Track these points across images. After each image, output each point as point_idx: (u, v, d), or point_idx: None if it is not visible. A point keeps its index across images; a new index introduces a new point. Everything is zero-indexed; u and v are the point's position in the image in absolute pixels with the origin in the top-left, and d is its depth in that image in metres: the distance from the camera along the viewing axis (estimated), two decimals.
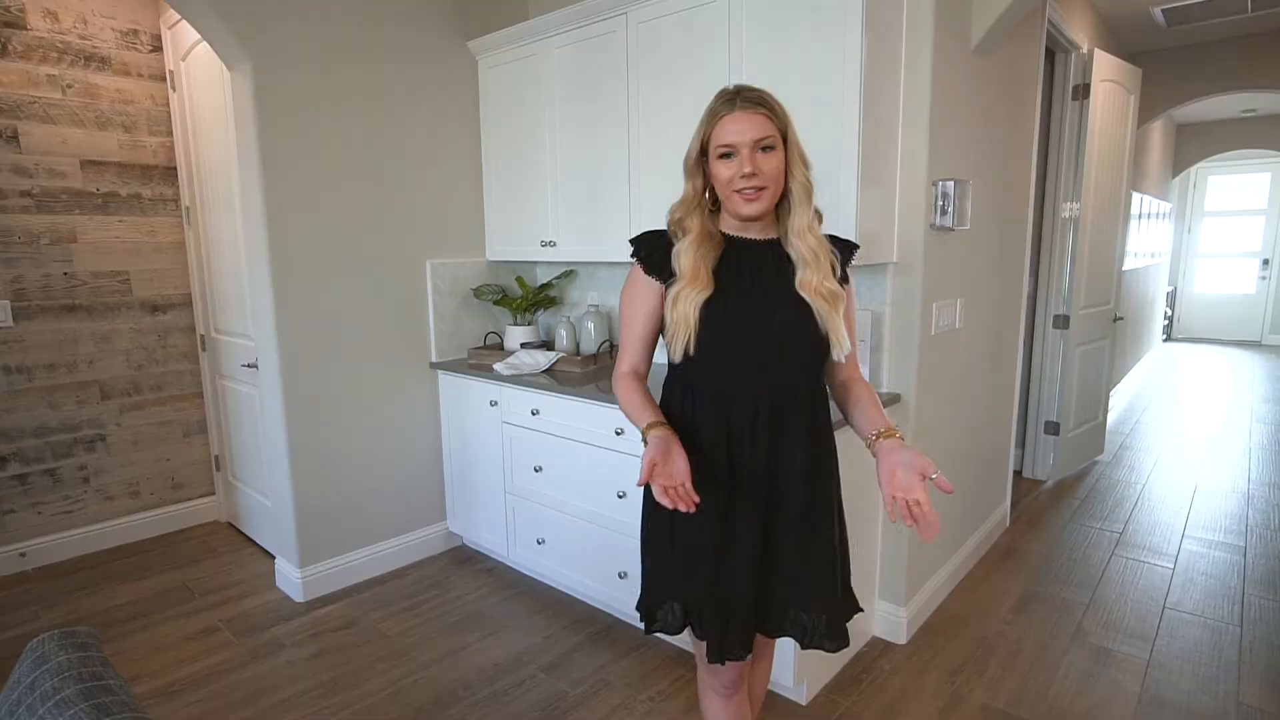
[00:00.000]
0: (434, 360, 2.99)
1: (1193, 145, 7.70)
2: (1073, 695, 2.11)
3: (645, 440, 1.26)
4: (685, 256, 1.32)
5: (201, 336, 3.33)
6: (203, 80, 2.93)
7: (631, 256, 1.41)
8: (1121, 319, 4.59)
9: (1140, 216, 6.01)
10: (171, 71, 3.15)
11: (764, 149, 1.26)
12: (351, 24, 2.60)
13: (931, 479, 1.17)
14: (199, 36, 2.82)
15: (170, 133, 3.21)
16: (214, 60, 2.72)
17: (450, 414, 2.99)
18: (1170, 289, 8.81)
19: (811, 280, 1.31)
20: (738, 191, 1.28)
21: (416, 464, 2.99)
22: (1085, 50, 3.56)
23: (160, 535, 3.30)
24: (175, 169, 3.23)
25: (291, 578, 2.70)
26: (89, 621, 2.53)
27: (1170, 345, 8.75)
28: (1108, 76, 3.63)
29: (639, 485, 1.17)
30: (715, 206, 1.37)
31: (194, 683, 2.20)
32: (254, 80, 2.38)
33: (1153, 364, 7.51)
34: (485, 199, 3.08)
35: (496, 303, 3.07)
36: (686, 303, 1.30)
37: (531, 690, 2.14)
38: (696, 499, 1.18)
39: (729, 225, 1.37)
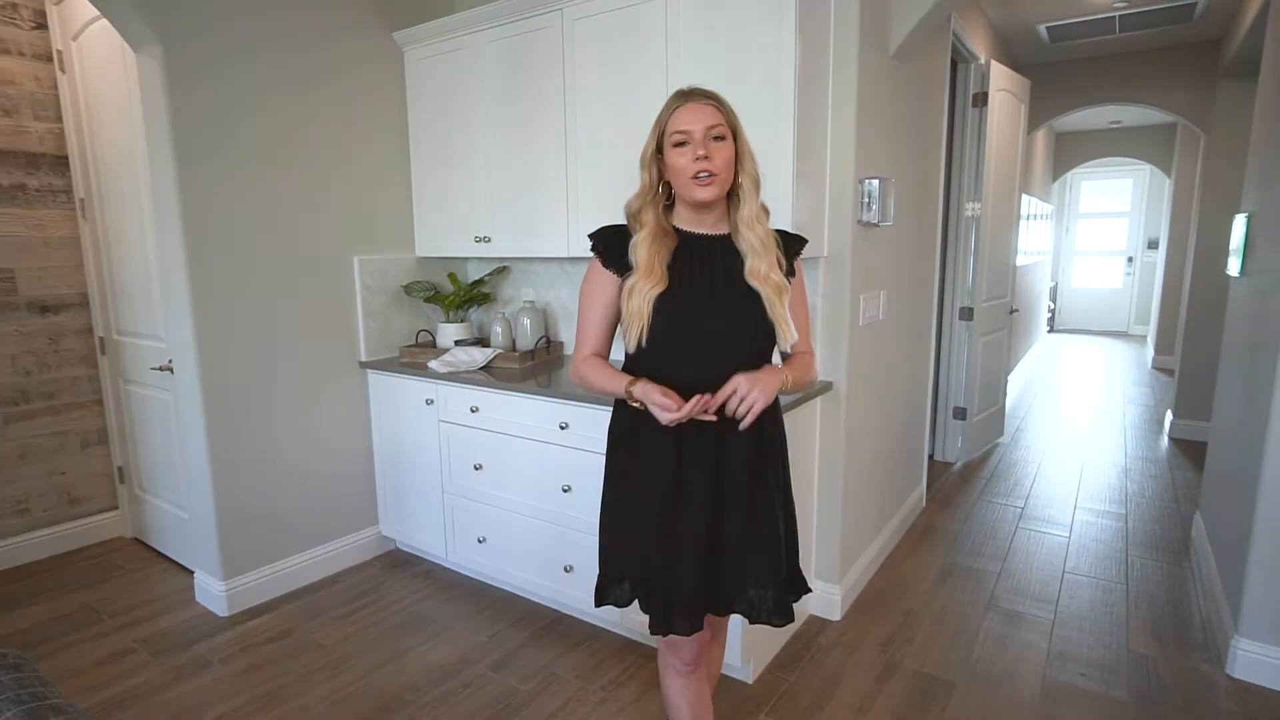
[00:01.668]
0: (363, 359, 2.89)
1: (1069, 152, 8.41)
2: (992, 656, 2.29)
3: (629, 396, 1.36)
4: (641, 250, 1.37)
5: (101, 339, 3.09)
6: (99, 62, 2.72)
7: (591, 250, 1.45)
8: (1017, 311, 4.97)
9: (1028, 217, 6.52)
10: (60, 51, 2.90)
11: (716, 138, 1.34)
12: (271, 9, 2.48)
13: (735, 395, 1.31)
14: (92, 14, 2.64)
15: (60, 118, 2.95)
16: (113, 41, 2.53)
17: (381, 414, 2.90)
18: (1052, 284, 9.59)
19: (760, 268, 1.38)
20: (693, 177, 1.34)
21: (346, 467, 2.88)
22: (983, 61, 3.83)
23: (56, 555, 3.03)
24: (66, 158, 2.97)
25: (214, 591, 2.55)
26: None
27: (1054, 336, 9.52)
28: (1003, 86, 3.93)
29: (680, 419, 1.28)
30: (669, 202, 1.42)
31: (112, 707, 2.04)
32: (165, 64, 2.23)
33: (1040, 353, 8.15)
34: (414, 194, 3.01)
35: (428, 300, 3.00)
36: (640, 296, 1.35)
37: (481, 689, 2.12)
38: (707, 407, 1.30)
39: (682, 220, 1.43)
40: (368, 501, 2.98)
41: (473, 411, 2.56)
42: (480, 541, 2.64)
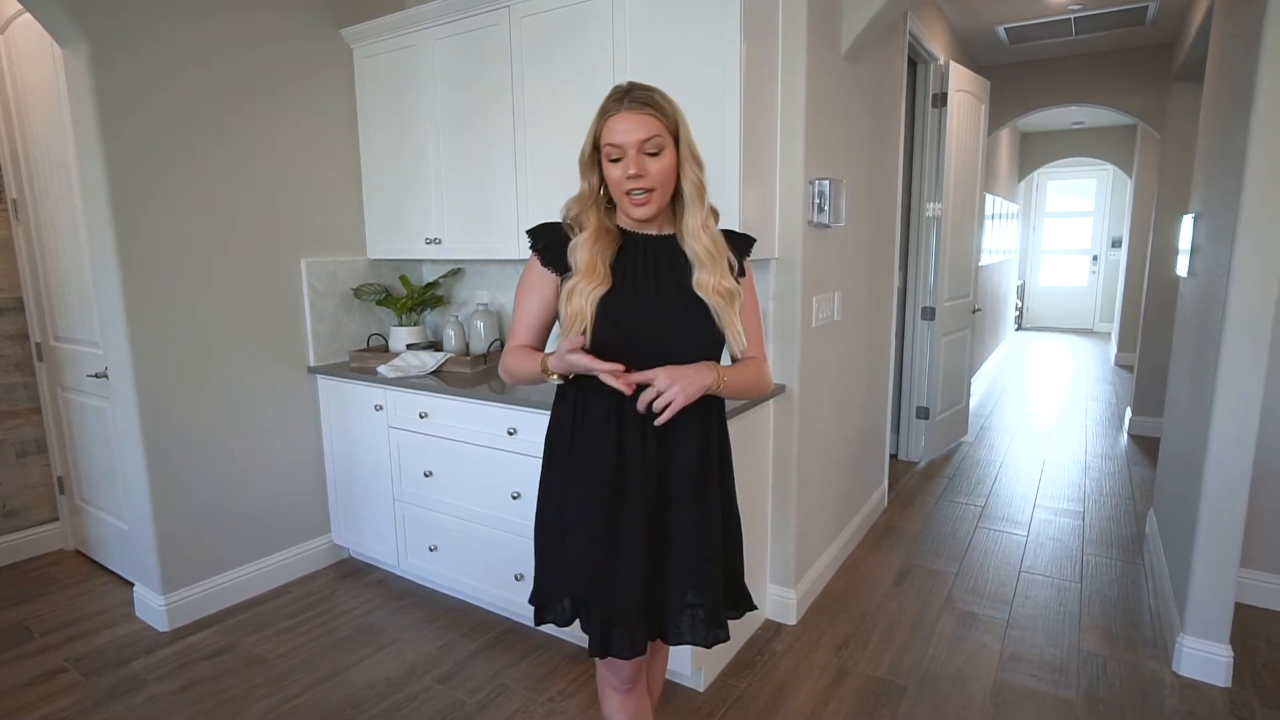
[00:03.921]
0: (312, 364, 2.82)
1: (1034, 152, 8.52)
2: (945, 658, 2.28)
3: (544, 370, 1.32)
4: (581, 251, 1.30)
5: (37, 345, 2.98)
6: (29, 57, 2.62)
7: (530, 248, 1.39)
8: (980, 310, 5.00)
9: (993, 217, 6.58)
10: None
11: (650, 153, 1.26)
12: (208, 4, 2.40)
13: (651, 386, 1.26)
14: (18, 7, 2.53)
15: None
16: (42, 35, 2.43)
17: (332, 420, 2.83)
18: (1020, 282, 9.71)
19: (708, 281, 1.31)
20: (627, 194, 1.28)
21: (296, 474, 2.81)
22: (942, 62, 3.85)
23: None
24: None
25: (153, 605, 2.47)
26: None
27: (1021, 334, 9.64)
28: (962, 87, 3.95)
29: (599, 369, 1.23)
30: (612, 202, 1.37)
31: None
32: (92, 61, 2.14)
33: (1007, 351, 8.25)
34: (364, 194, 2.94)
35: (379, 303, 2.94)
36: (582, 297, 1.28)
37: (426, 703, 2.07)
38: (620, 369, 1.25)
39: (626, 221, 1.37)
40: (319, 510, 2.91)
41: (421, 417, 2.50)
42: (431, 550, 2.59)
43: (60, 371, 2.91)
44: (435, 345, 2.98)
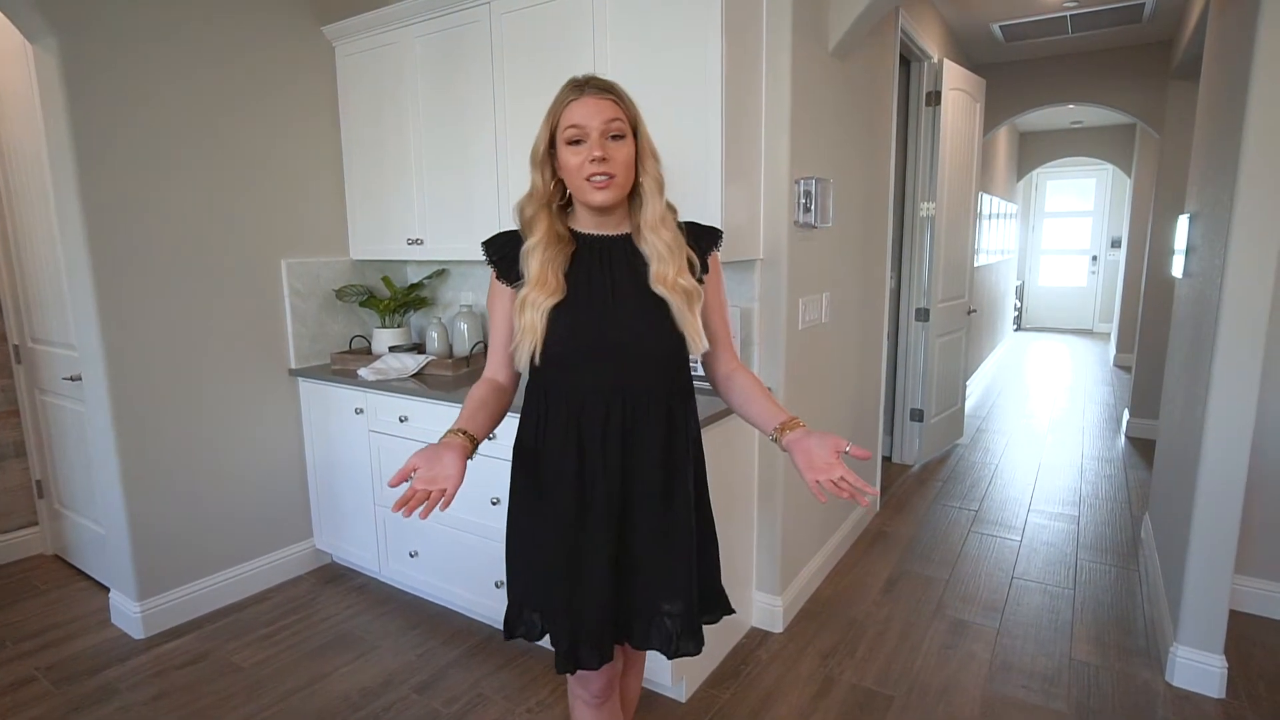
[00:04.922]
0: (293, 366, 2.78)
1: (1033, 152, 8.46)
2: (933, 668, 2.23)
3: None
4: (532, 259, 1.25)
5: (15, 347, 2.94)
6: (3, 52, 2.57)
7: (486, 262, 1.34)
8: (975, 311, 4.95)
9: (990, 216, 6.53)
10: None
11: (614, 137, 1.22)
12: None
13: (846, 452, 1.20)
14: None
15: None
16: (13, 27, 2.39)
17: (313, 424, 2.79)
18: (1019, 283, 9.65)
19: (667, 274, 1.26)
20: (588, 179, 1.22)
21: (277, 478, 2.77)
22: (936, 60, 3.80)
23: None
24: None
25: (129, 612, 2.43)
26: None
27: (1020, 334, 9.58)
28: (956, 85, 3.90)
29: (390, 485, 1.10)
30: (565, 202, 1.32)
31: None
32: (61, 57, 2.10)
33: (1005, 352, 8.19)
34: (347, 194, 2.89)
35: (362, 304, 2.90)
36: (533, 310, 1.24)
37: (401, 714, 2.03)
38: (435, 508, 1.09)
39: (580, 223, 1.32)
40: (301, 514, 2.87)
41: (401, 421, 2.46)
42: (412, 556, 2.54)
43: (38, 374, 2.87)
44: (418, 347, 2.93)
